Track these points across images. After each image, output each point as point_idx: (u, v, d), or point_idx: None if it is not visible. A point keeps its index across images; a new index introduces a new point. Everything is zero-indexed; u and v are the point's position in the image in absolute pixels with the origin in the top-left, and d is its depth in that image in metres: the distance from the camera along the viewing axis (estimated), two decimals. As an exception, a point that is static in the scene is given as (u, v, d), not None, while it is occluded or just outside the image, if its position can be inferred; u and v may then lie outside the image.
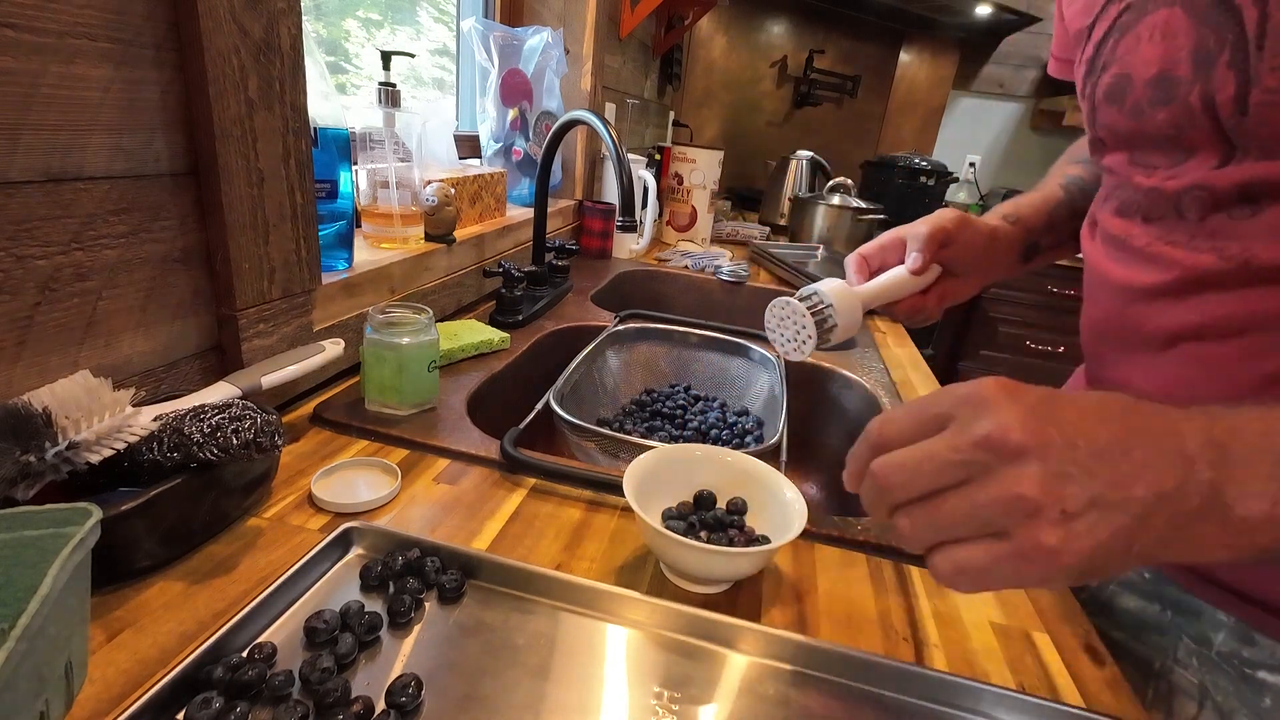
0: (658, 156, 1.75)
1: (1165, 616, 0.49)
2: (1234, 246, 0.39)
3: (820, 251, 1.59)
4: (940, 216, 0.55)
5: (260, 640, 0.35)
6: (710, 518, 0.49)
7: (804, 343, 0.51)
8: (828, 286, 0.50)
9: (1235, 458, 0.27)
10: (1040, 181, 0.66)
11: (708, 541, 0.45)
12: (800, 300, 0.50)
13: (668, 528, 0.44)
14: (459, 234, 0.91)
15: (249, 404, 0.44)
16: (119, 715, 0.29)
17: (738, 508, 0.50)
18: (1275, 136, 0.36)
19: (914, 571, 0.49)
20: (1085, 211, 0.57)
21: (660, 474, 0.50)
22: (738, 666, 0.39)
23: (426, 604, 0.40)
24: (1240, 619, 0.45)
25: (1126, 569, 0.30)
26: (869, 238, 2.07)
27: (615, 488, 0.46)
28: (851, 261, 0.57)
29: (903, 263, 0.54)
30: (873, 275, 0.55)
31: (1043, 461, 0.26)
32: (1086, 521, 0.26)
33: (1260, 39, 0.34)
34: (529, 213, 1.17)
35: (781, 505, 0.47)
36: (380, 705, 0.33)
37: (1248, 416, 0.28)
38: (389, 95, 0.79)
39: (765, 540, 0.46)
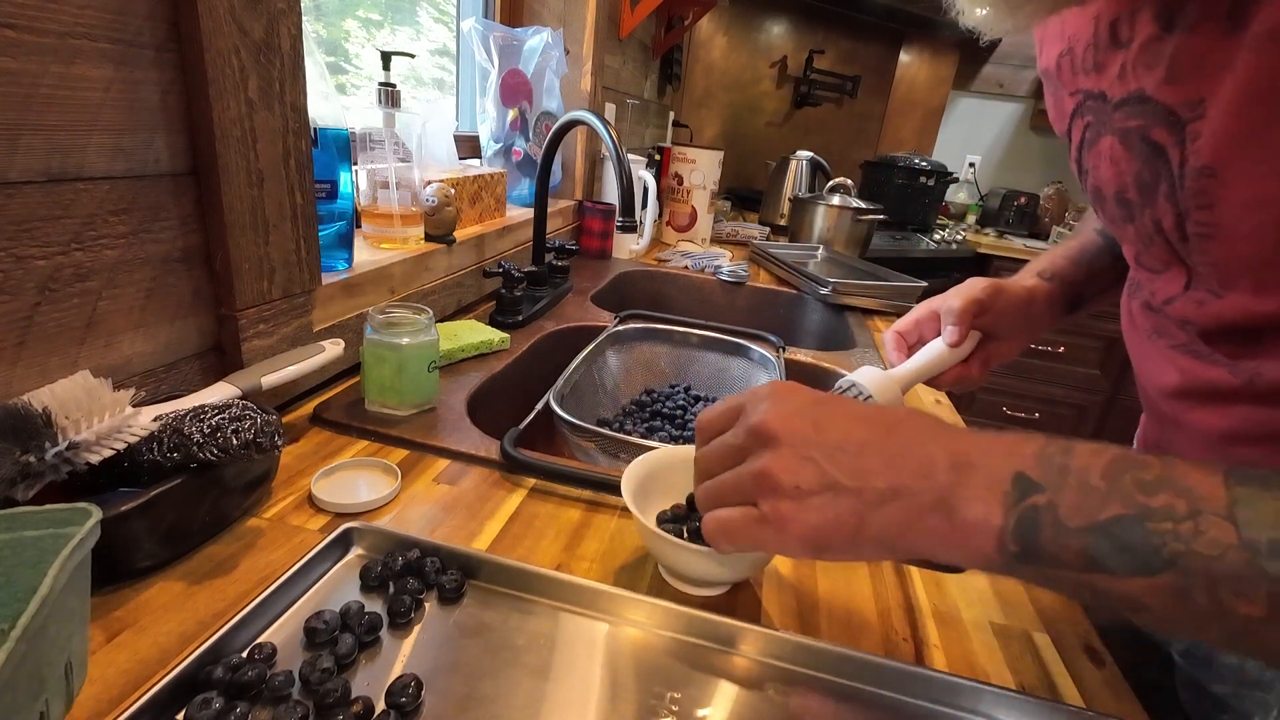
0: (658, 157, 1.75)
1: (1265, 672, 0.47)
2: (1243, 364, 0.39)
3: (820, 252, 1.59)
4: (972, 287, 0.54)
5: (260, 640, 0.35)
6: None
7: None
8: (866, 377, 0.51)
9: (973, 471, 0.30)
10: (1076, 229, 0.65)
11: (706, 544, 0.45)
12: (841, 394, 0.50)
13: (663, 530, 0.44)
14: (459, 234, 0.91)
15: (249, 404, 0.44)
16: (119, 715, 0.29)
17: None
18: (1214, 265, 0.36)
19: (914, 572, 0.49)
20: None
21: (658, 476, 0.50)
22: (738, 667, 0.39)
23: (426, 604, 0.40)
24: None
25: (863, 551, 0.32)
26: (869, 238, 2.06)
27: (615, 488, 0.46)
28: (889, 340, 0.58)
29: (940, 335, 0.54)
30: (911, 350, 0.56)
31: (791, 447, 0.32)
32: (819, 499, 0.31)
33: (1182, 179, 0.35)
34: (529, 213, 1.17)
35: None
36: (380, 705, 0.33)
37: (1000, 440, 0.31)
38: (389, 95, 0.79)
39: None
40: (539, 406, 0.65)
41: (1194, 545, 0.26)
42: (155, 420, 0.41)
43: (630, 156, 1.28)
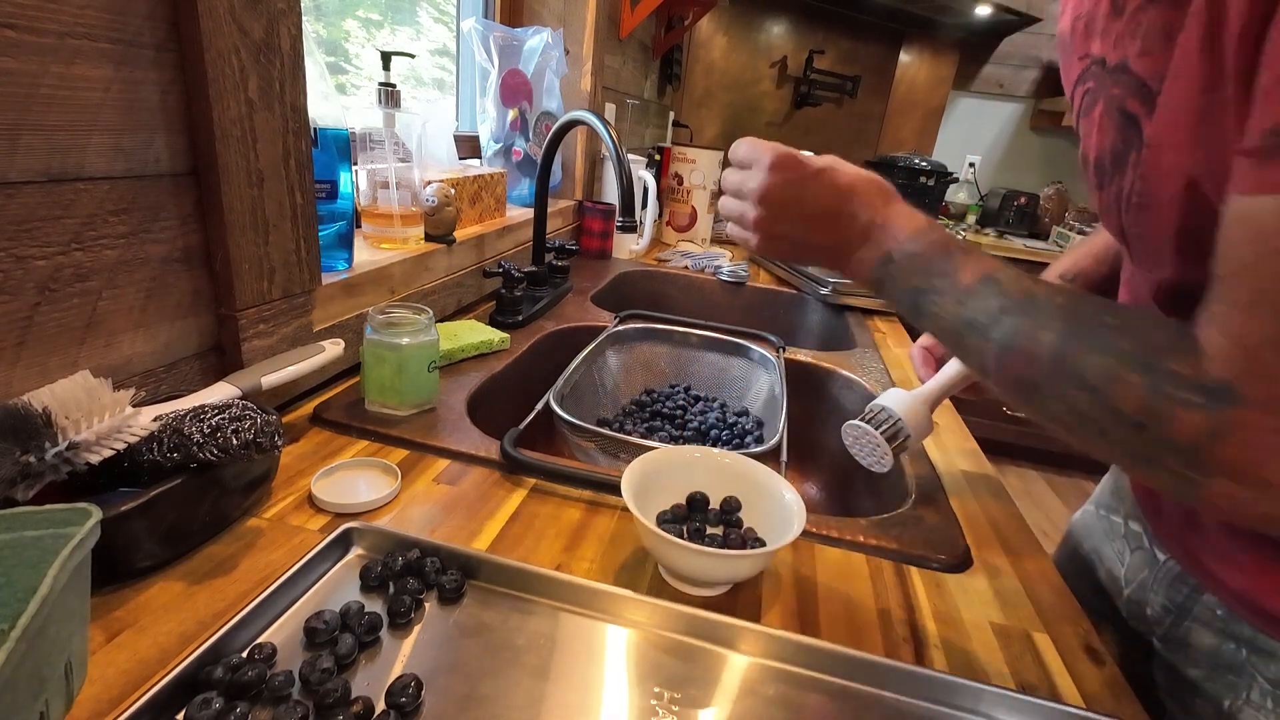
0: (658, 157, 1.75)
1: (1240, 655, 0.47)
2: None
3: (820, 252, 1.59)
4: None
5: (260, 640, 0.35)
6: (707, 519, 0.49)
7: (882, 458, 0.56)
8: (893, 400, 0.54)
9: (872, 241, 0.47)
10: (1098, 226, 0.66)
11: (706, 544, 0.45)
12: (869, 421, 0.54)
13: (664, 530, 0.44)
14: (459, 234, 0.91)
15: (249, 404, 0.44)
16: (119, 715, 0.29)
17: (732, 506, 0.50)
18: (1142, 239, 0.39)
19: (914, 571, 0.49)
20: None
21: (658, 476, 0.50)
22: (738, 667, 0.39)
23: (426, 604, 0.40)
24: None
25: (800, 261, 0.45)
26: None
27: (615, 488, 0.46)
28: (917, 356, 0.62)
29: None
30: (939, 363, 0.60)
31: (771, 210, 0.49)
32: (775, 241, 0.50)
33: (1143, 150, 0.36)
34: (529, 213, 1.17)
35: (780, 506, 0.47)
36: (380, 705, 0.33)
37: (902, 221, 0.47)
38: (389, 95, 0.79)
39: (763, 542, 0.46)
40: (539, 406, 0.65)
41: (937, 306, 0.42)
42: (155, 420, 0.41)
43: (630, 156, 1.28)
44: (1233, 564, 0.46)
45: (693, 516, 0.50)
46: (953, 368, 0.58)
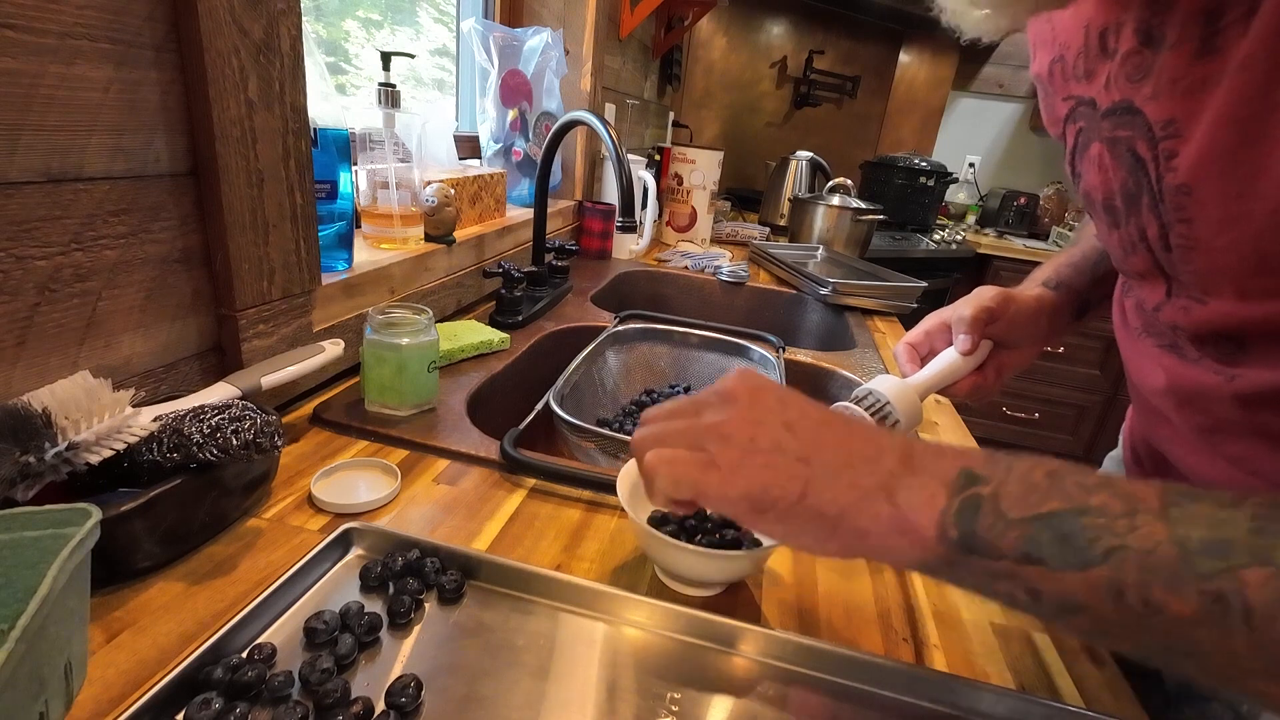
0: (657, 157, 1.75)
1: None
2: (1227, 367, 0.39)
3: (820, 252, 1.59)
4: (980, 296, 0.54)
5: (260, 641, 0.35)
6: (703, 521, 0.48)
7: None
8: (884, 385, 0.51)
9: (921, 465, 0.31)
10: (1076, 233, 0.65)
11: (701, 544, 0.45)
12: (858, 403, 0.50)
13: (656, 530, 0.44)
14: (459, 234, 0.91)
15: (249, 404, 0.44)
16: (119, 716, 0.29)
17: None
18: (1196, 274, 0.37)
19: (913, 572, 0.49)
20: None
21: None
22: (737, 667, 0.39)
23: (426, 604, 0.40)
24: None
25: (801, 525, 0.31)
26: (869, 238, 2.06)
27: (615, 488, 0.46)
28: (901, 353, 0.58)
29: (950, 344, 0.55)
30: (923, 361, 0.56)
31: (751, 409, 0.33)
32: (769, 457, 0.31)
33: (1161, 194, 0.35)
34: (529, 213, 1.17)
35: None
36: (380, 706, 0.32)
37: (948, 448, 0.32)
38: (389, 96, 0.79)
39: (759, 542, 0.46)
40: (539, 407, 0.65)
41: (1128, 540, 0.26)
42: (155, 420, 0.41)
43: (630, 157, 1.28)
44: None
45: (688, 517, 0.50)
46: (941, 362, 0.55)
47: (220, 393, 0.49)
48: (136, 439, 0.39)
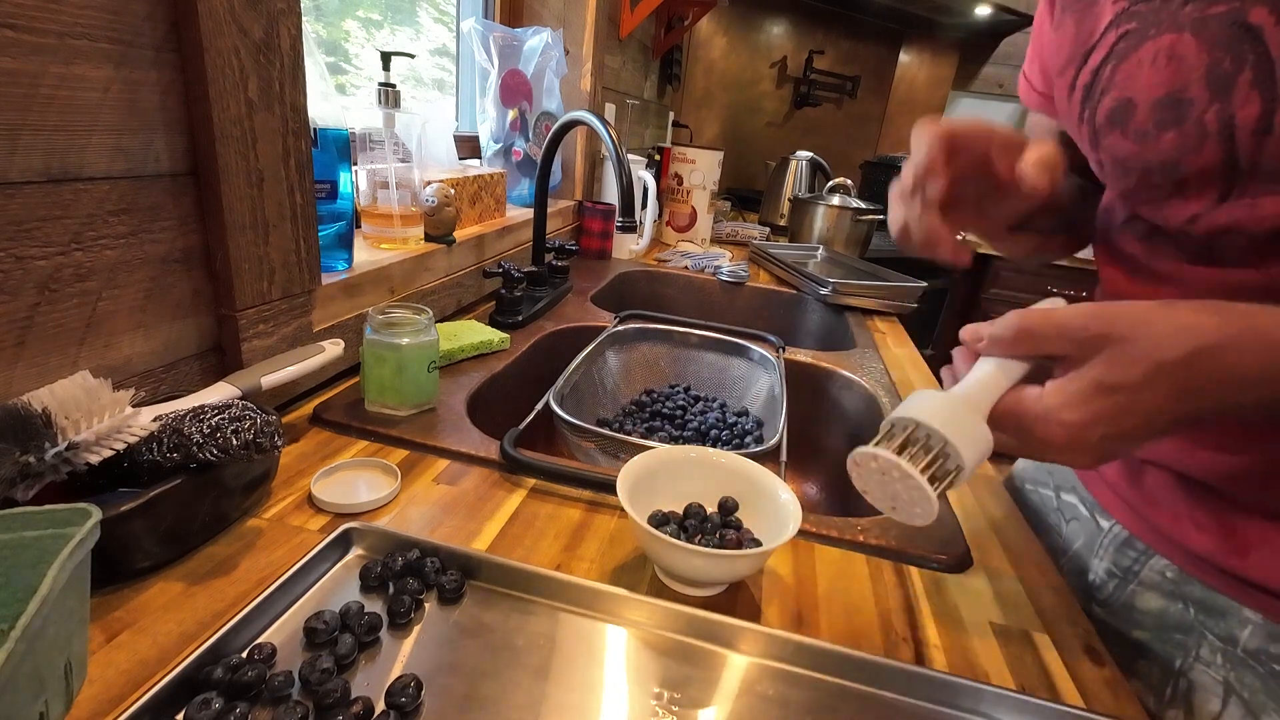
0: (657, 157, 1.75)
1: (1189, 615, 0.49)
2: (1276, 268, 0.39)
3: (820, 252, 1.59)
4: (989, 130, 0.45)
5: (260, 641, 0.35)
6: (703, 521, 0.49)
7: (919, 502, 0.36)
8: (926, 409, 0.35)
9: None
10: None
11: (701, 544, 0.45)
12: (897, 448, 0.35)
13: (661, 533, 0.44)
14: (459, 234, 0.91)
15: (249, 404, 0.44)
16: (119, 716, 0.29)
17: (729, 507, 0.50)
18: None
19: (914, 572, 0.49)
20: (1082, 170, 0.53)
21: (655, 476, 0.50)
22: (737, 667, 0.39)
23: (426, 604, 0.40)
24: (1268, 617, 0.45)
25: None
26: (869, 238, 2.06)
27: (615, 488, 0.46)
28: (960, 355, 0.42)
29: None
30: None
31: (1084, 436, 0.34)
32: (1097, 449, 0.35)
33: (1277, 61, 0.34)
34: (529, 213, 1.17)
35: (776, 507, 0.47)
36: (380, 706, 0.32)
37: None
38: (389, 96, 0.79)
39: (759, 542, 0.46)
40: (539, 406, 0.65)
41: None
42: (155, 420, 0.41)
43: (630, 156, 1.28)
44: (1191, 523, 0.48)
45: (688, 518, 0.50)
46: (991, 365, 0.38)
47: (220, 393, 0.49)
48: (136, 439, 0.39)
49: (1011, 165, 0.43)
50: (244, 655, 0.34)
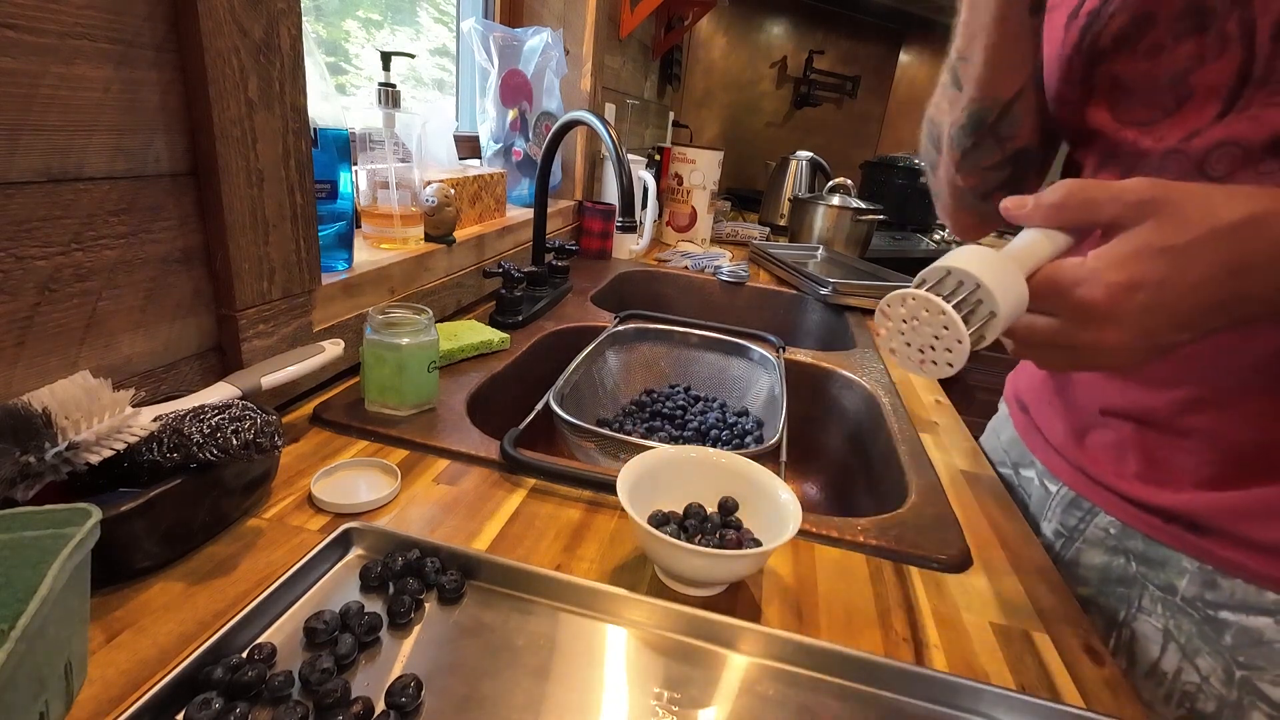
0: (657, 157, 1.75)
1: (1131, 568, 0.51)
2: (1267, 165, 0.39)
3: (820, 252, 1.59)
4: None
5: (260, 641, 0.35)
6: (703, 521, 0.49)
7: (948, 348, 0.35)
8: (968, 260, 0.34)
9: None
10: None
11: (701, 544, 0.45)
12: (934, 289, 0.35)
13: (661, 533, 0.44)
14: (459, 234, 0.91)
15: (249, 404, 0.44)
16: (119, 716, 0.29)
17: (729, 507, 0.50)
18: None
19: (914, 572, 0.49)
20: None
21: (655, 476, 0.50)
22: (737, 667, 0.39)
23: (426, 604, 0.40)
24: (1204, 563, 0.47)
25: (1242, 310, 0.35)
26: (869, 238, 2.06)
27: (615, 488, 0.46)
28: (1049, 199, 0.39)
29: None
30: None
31: (1130, 348, 0.34)
32: (1143, 356, 0.35)
33: None
34: (529, 213, 1.17)
35: (776, 507, 0.47)
36: (380, 706, 0.32)
37: None
38: (389, 96, 0.79)
39: (759, 543, 0.46)
40: (539, 406, 0.65)
41: None
42: (155, 420, 0.41)
43: (630, 156, 1.28)
44: (1128, 470, 0.51)
45: (688, 518, 0.50)
46: (1035, 233, 0.37)
47: (220, 393, 0.49)
48: (136, 439, 0.39)
49: None
50: (244, 655, 0.34)
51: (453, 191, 0.88)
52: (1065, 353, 0.36)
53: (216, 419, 0.40)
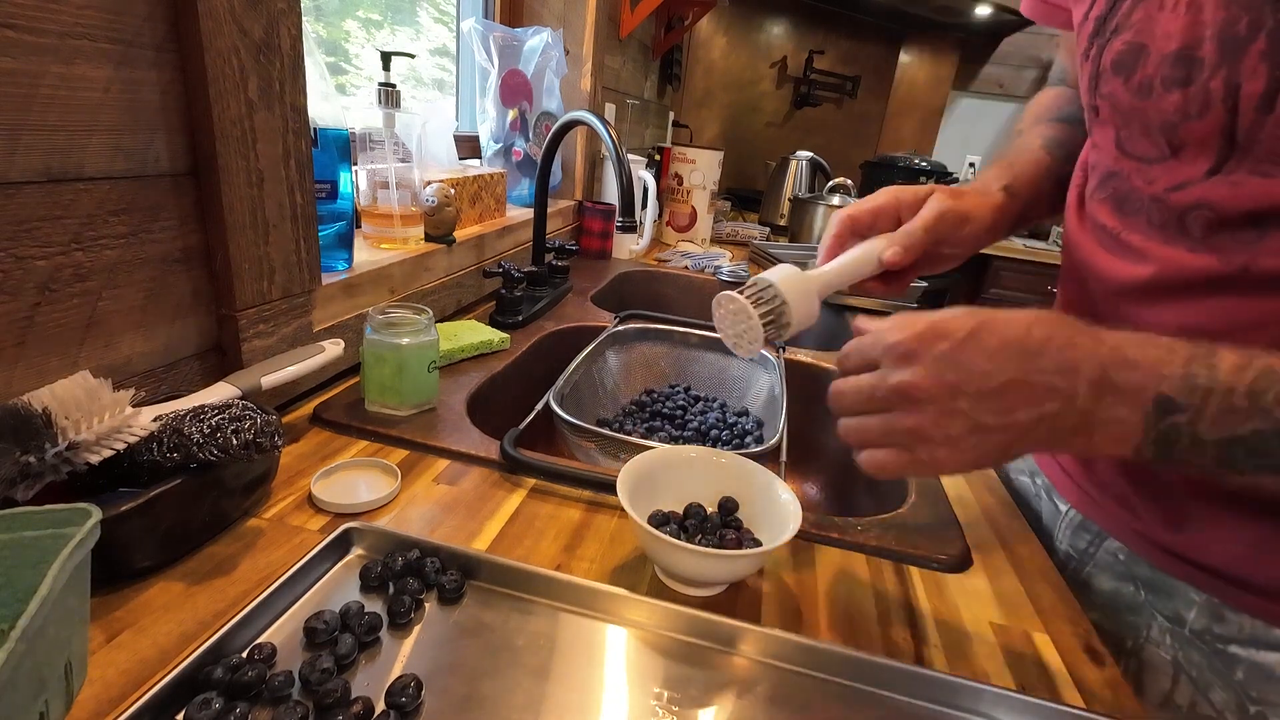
0: (657, 157, 1.75)
1: (1139, 597, 0.50)
2: (1239, 256, 0.38)
3: (820, 252, 1.59)
4: (939, 213, 0.48)
5: (260, 641, 0.35)
6: (703, 521, 0.49)
7: (751, 340, 0.47)
8: (783, 279, 0.46)
9: (1116, 393, 0.33)
10: (1016, 134, 0.60)
11: (701, 544, 0.45)
12: (749, 298, 0.46)
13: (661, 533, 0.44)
14: (459, 234, 0.91)
15: (249, 404, 0.44)
16: (119, 716, 0.29)
17: (729, 507, 0.50)
18: None
19: (914, 572, 0.49)
20: (1067, 177, 0.53)
21: (655, 476, 0.50)
22: (737, 667, 0.39)
23: (426, 604, 0.40)
24: (1212, 596, 0.46)
25: (1011, 460, 0.38)
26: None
27: (615, 488, 0.46)
28: (832, 231, 0.52)
29: (888, 231, 0.50)
30: (861, 240, 0.51)
31: (938, 404, 0.35)
32: (970, 441, 0.35)
33: None
34: (529, 213, 1.17)
35: (777, 507, 0.47)
36: (380, 706, 0.32)
37: (1145, 351, 0.34)
38: (389, 96, 0.79)
39: (759, 543, 0.46)
40: (539, 406, 0.65)
41: None
42: (155, 420, 0.41)
43: (630, 156, 1.28)
44: (1134, 502, 0.50)
45: (688, 518, 0.50)
46: (854, 258, 0.49)
47: (220, 393, 0.49)
48: (136, 439, 0.39)
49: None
50: (244, 655, 0.34)
51: (453, 191, 0.88)
52: (881, 421, 0.37)
53: (216, 419, 0.40)
